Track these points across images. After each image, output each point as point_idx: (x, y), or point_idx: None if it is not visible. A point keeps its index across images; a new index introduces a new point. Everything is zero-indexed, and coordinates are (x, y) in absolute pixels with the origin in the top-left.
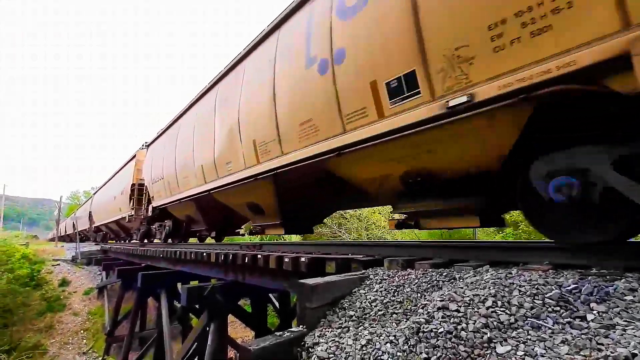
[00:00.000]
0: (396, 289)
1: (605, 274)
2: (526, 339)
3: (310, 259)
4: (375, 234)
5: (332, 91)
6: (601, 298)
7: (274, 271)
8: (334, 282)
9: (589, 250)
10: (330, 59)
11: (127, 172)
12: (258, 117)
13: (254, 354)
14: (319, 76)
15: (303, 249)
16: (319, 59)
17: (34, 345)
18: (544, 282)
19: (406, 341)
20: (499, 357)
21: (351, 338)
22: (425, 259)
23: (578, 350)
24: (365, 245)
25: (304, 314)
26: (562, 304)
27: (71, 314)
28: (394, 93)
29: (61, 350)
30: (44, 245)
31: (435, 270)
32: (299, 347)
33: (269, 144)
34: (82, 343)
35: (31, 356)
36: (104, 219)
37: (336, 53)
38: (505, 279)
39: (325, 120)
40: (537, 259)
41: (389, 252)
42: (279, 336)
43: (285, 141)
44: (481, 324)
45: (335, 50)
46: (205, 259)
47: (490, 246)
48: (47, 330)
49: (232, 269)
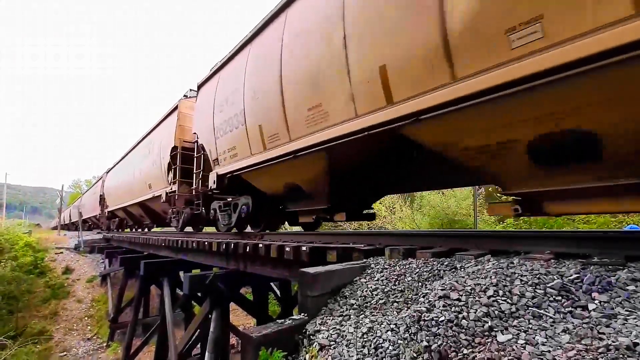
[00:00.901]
0: (397, 278)
1: (608, 263)
2: (527, 328)
3: (311, 248)
4: (375, 224)
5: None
6: (603, 288)
7: (275, 260)
8: (335, 271)
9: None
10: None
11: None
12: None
13: (256, 341)
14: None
15: (304, 238)
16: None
17: (39, 331)
18: (546, 271)
19: (407, 329)
20: (500, 345)
21: (352, 326)
22: (426, 248)
23: (579, 339)
24: (366, 234)
25: (306, 302)
26: (563, 293)
27: (75, 301)
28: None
29: (66, 336)
30: (46, 233)
31: (437, 259)
32: (300, 334)
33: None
34: (87, 329)
35: (37, 342)
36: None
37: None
38: (506, 269)
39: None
40: (539, 249)
41: (390, 242)
42: (281, 324)
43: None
44: (482, 313)
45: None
46: (207, 248)
47: (491, 235)
48: (52, 317)
49: (234, 258)
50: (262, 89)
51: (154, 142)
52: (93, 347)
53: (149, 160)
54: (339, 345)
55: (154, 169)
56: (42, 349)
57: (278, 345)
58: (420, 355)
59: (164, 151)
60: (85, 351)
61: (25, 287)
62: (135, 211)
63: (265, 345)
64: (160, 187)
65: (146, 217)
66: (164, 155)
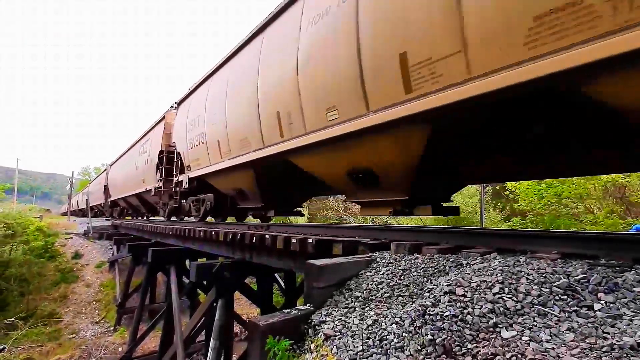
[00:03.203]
0: (402, 272)
1: (615, 264)
2: (532, 325)
3: (317, 240)
4: (380, 219)
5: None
6: (609, 289)
7: (281, 251)
8: (341, 264)
9: (598, 241)
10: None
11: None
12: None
13: (262, 329)
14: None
15: (310, 230)
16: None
17: (49, 313)
18: (552, 270)
19: (412, 323)
20: (504, 341)
21: (357, 318)
22: (432, 244)
23: (583, 337)
24: (371, 229)
25: (312, 293)
26: (569, 293)
27: (84, 285)
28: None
29: (75, 319)
30: (56, 218)
31: (442, 255)
32: (306, 324)
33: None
34: (95, 313)
35: (47, 324)
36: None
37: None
38: (513, 267)
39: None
40: (546, 248)
41: (396, 237)
42: (287, 313)
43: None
44: (487, 309)
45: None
46: (213, 237)
47: (497, 234)
48: (62, 300)
49: (240, 248)
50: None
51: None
52: (100, 330)
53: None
54: (344, 336)
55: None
56: (52, 331)
57: (284, 334)
58: (425, 348)
59: (154, 153)
60: (93, 334)
61: (36, 270)
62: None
63: (271, 333)
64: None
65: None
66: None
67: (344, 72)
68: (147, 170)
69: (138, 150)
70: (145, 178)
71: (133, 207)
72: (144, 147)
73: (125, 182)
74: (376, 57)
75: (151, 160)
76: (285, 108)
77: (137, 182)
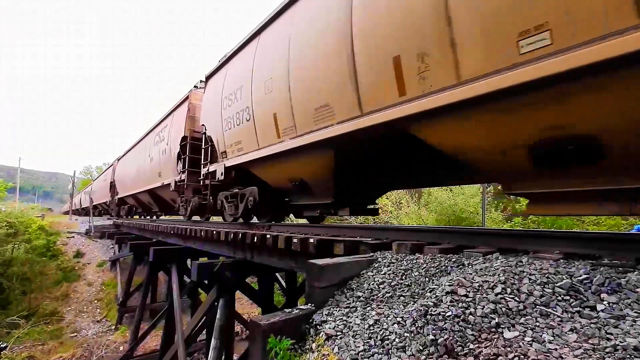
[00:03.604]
0: (404, 272)
1: (618, 265)
2: (534, 326)
3: (318, 240)
4: (381, 219)
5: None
6: (612, 289)
7: (282, 251)
8: (342, 264)
9: (601, 241)
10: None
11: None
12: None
13: (263, 329)
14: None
15: (311, 230)
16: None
17: (50, 312)
18: (555, 271)
19: (414, 323)
20: (507, 341)
21: (359, 317)
22: (434, 244)
23: (586, 338)
24: (373, 228)
25: (313, 293)
26: (572, 293)
27: (85, 284)
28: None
29: (76, 317)
30: (58, 218)
31: (444, 255)
32: (307, 324)
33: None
34: (96, 312)
35: (48, 322)
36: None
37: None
38: (515, 267)
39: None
40: (548, 248)
41: (397, 236)
42: (289, 313)
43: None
44: (489, 310)
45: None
46: (215, 237)
47: (499, 234)
48: (63, 299)
49: (241, 248)
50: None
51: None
52: (102, 329)
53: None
54: (345, 336)
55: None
56: (54, 329)
57: (285, 334)
58: (427, 348)
59: (174, 141)
60: (95, 333)
61: (38, 268)
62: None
63: (273, 332)
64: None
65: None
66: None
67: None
68: (164, 162)
69: (153, 139)
70: (162, 171)
71: (144, 205)
72: (161, 135)
73: (135, 177)
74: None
75: (170, 149)
76: (417, 46)
77: (151, 176)
